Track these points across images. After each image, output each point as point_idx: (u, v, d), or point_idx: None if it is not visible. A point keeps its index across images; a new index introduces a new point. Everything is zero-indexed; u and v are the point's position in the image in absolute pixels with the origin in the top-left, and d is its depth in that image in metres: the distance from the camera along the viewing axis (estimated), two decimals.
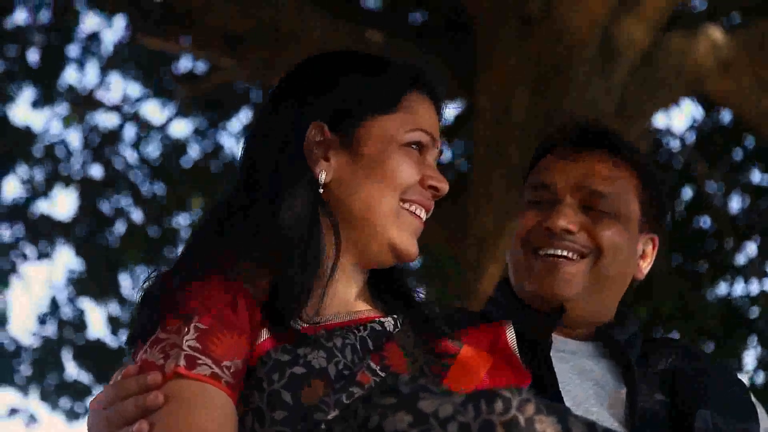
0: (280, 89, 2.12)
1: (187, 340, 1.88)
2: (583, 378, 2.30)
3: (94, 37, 9.24)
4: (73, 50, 9.25)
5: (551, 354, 2.29)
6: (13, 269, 9.38)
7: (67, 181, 9.09)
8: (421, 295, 2.17)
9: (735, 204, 9.11)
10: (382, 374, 1.97)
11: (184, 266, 1.99)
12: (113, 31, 9.07)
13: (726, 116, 8.75)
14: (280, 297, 1.96)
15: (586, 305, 2.35)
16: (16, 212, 9.15)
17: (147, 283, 2.00)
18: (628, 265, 2.40)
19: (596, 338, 2.39)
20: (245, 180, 2.07)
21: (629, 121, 5.45)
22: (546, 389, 2.22)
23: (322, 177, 2.04)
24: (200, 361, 1.86)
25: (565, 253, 2.34)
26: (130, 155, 9.35)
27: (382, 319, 2.07)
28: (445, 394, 1.73)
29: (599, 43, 5.20)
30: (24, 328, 11.35)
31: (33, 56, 9.13)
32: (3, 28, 8.90)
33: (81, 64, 9.24)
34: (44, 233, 9.08)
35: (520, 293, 2.40)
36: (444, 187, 2.10)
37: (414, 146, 2.08)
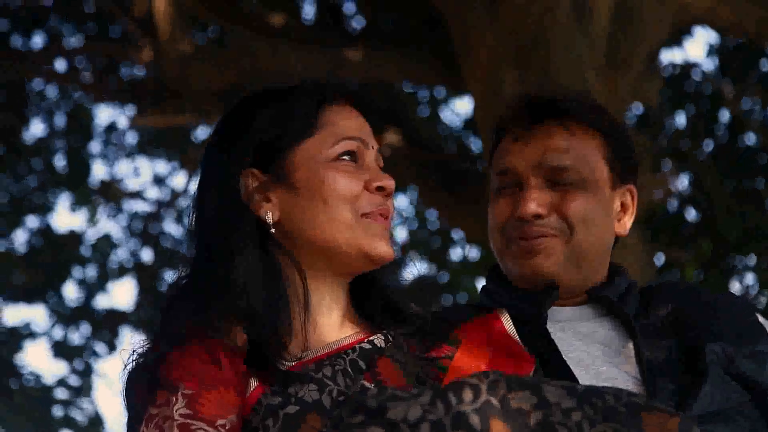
0: (207, 148, 2.16)
1: (177, 410, 1.90)
2: (587, 341, 2.30)
3: (111, 129, 9.42)
4: (94, 147, 9.44)
5: (550, 326, 2.28)
6: (89, 370, 9.54)
7: (121, 272, 9.24)
8: (410, 304, 2.17)
9: None
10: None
11: (160, 340, 2.01)
12: (127, 118, 9.19)
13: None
14: (258, 346, 1.97)
15: (573, 276, 2.34)
16: (79, 313, 9.32)
17: (128, 365, 2.03)
18: (606, 229, 2.37)
19: (590, 301, 2.38)
20: (200, 240, 2.09)
21: (623, 67, 5.39)
22: (550, 362, 2.22)
23: (269, 218, 2.06)
24: (194, 427, 1.88)
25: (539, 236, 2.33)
26: (175, 230, 9.49)
27: (371, 338, 2.08)
28: (413, 397, 1.73)
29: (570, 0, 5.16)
30: (118, 425, 11.49)
31: (59, 162, 9.32)
32: (24, 143, 9.10)
33: (106, 157, 9.42)
34: (110, 326, 9.22)
35: (510, 277, 2.41)
36: (389, 183, 2.11)
37: (345, 157, 2.09)
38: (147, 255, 9.53)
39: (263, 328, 1.98)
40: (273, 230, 2.06)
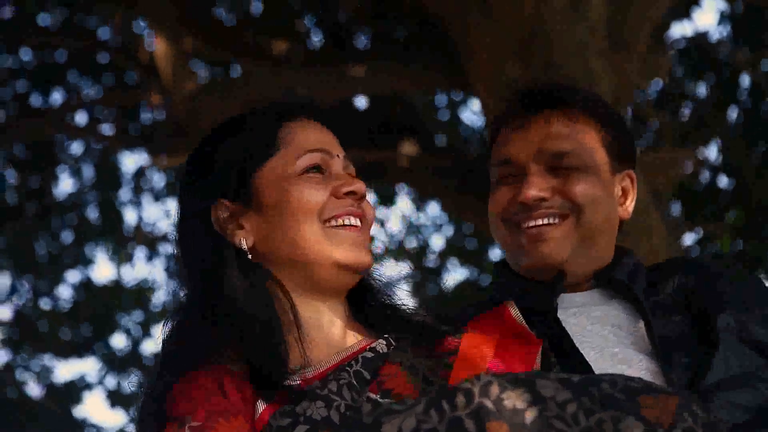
0: (179, 187, 2.20)
1: None
2: (600, 325, 2.31)
3: (138, 175, 9.50)
4: (124, 194, 9.52)
5: (562, 313, 2.29)
6: None
7: (164, 314, 9.28)
8: (409, 305, 2.19)
9: None
10: (384, 401, 1.98)
11: (165, 373, 2.03)
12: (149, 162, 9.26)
13: None
14: (258, 367, 1.99)
15: (581, 261, 2.35)
16: (129, 361, 9.39)
17: (139, 401, 2.05)
18: (611, 211, 2.39)
19: (599, 285, 2.38)
20: (188, 272, 2.12)
21: (628, 48, 5.35)
22: (563, 349, 2.22)
23: (244, 244, 2.09)
24: None
25: (546, 221, 2.34)
26: None
27: (373, 345, 2.08)
28: (407, 408, 1.74)
29: None
30: None
31: (92, 214, 9.41)
32: (56, 200, 9.20)
33: (136, 203, 9.51)
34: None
35: (517, 269, 2.40)
36: (359, 187, 2.12)
37: (312, 170, 2.11)
38: None
39: (257, 352, 2.00)
40: (249, 256, 2.08)
